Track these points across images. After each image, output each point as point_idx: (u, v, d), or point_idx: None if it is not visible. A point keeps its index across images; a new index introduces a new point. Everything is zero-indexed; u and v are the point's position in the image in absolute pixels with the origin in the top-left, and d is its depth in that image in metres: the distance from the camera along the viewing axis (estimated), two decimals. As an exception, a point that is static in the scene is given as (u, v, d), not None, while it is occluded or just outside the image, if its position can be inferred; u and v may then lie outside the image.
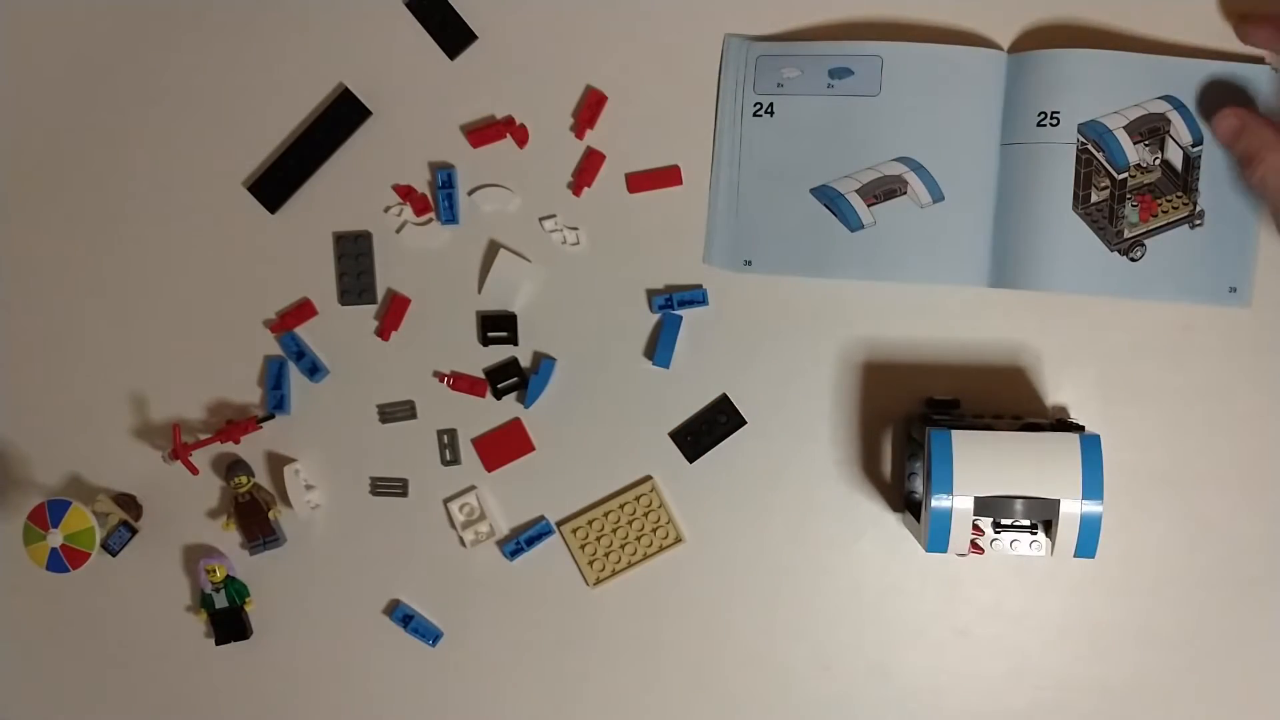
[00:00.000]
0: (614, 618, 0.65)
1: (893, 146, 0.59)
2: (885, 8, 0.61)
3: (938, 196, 0.56)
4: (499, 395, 0.63)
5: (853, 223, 0.56)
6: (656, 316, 0.63)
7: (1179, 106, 0.54)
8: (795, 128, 0.60)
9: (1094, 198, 0.54)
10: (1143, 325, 0.61)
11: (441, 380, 0.64)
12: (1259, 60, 0.59)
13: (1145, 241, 0.55)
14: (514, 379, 0.63)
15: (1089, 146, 0.53)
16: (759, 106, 0.60)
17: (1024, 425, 0.58)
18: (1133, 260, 0.53)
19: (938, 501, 0.54)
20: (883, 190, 0.57)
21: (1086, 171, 0.54)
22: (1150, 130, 0.54)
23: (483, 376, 0.64)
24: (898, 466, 0.63)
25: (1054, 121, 0.57)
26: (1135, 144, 0.53)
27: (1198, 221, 0.56)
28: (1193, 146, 0.55)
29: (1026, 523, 0.55)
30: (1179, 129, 0.54)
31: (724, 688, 0.64)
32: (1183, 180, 0.55)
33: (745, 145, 0.61)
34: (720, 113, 0.62)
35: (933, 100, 0.59)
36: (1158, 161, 0.54)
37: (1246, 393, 0.61)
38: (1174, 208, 0.55)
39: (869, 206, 0.56)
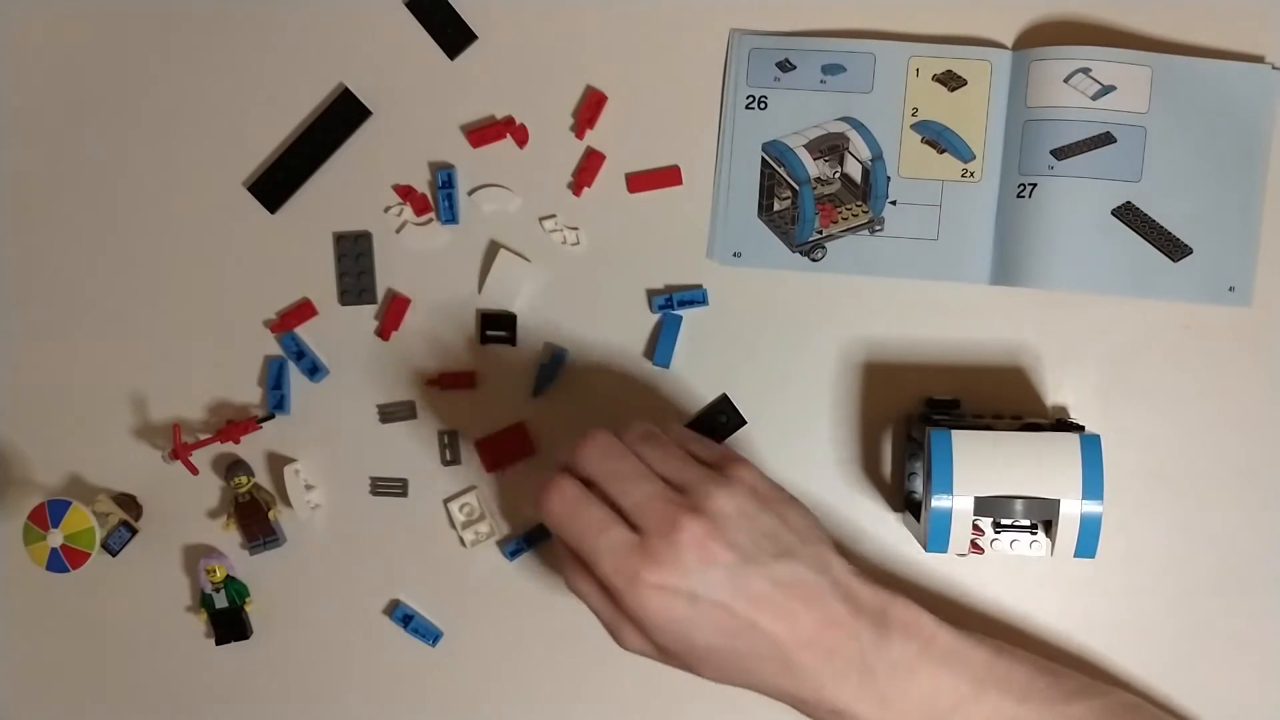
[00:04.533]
0: (614, 618, 0.64)
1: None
2: (887, 7, 0.61)
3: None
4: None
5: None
6: (656, 316, 0.63)
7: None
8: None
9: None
10: (1143, 325, 0.61)
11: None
12: (1258, 59, 0.59)
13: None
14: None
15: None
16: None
17: (1024, 425, 0.58)
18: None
19: (938, 501, 0.54)
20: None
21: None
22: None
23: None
24: (898, 466, 0.63)
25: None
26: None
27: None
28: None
29: (1026, 523, 0.55)
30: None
31: (723, 687, 0.64)
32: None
33: (739, 138, 0.61)
34: (724, 107, 0.61)
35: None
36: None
37: (1246, 392, 0.61)
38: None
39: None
